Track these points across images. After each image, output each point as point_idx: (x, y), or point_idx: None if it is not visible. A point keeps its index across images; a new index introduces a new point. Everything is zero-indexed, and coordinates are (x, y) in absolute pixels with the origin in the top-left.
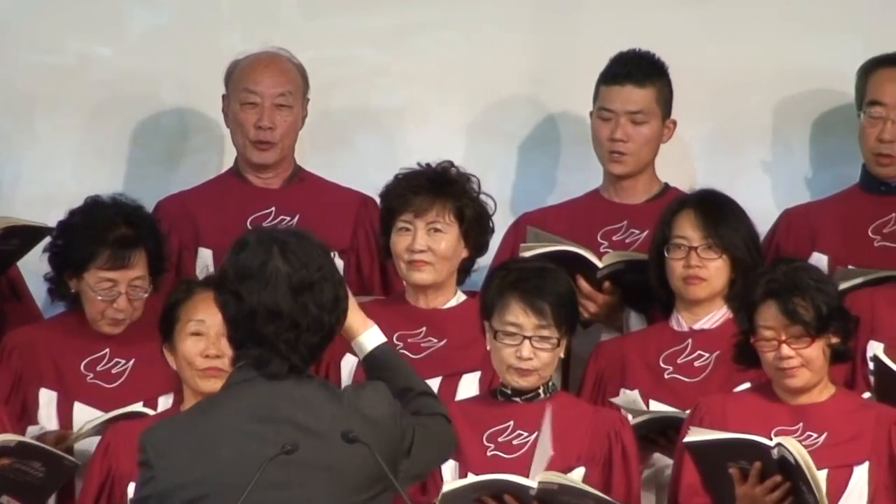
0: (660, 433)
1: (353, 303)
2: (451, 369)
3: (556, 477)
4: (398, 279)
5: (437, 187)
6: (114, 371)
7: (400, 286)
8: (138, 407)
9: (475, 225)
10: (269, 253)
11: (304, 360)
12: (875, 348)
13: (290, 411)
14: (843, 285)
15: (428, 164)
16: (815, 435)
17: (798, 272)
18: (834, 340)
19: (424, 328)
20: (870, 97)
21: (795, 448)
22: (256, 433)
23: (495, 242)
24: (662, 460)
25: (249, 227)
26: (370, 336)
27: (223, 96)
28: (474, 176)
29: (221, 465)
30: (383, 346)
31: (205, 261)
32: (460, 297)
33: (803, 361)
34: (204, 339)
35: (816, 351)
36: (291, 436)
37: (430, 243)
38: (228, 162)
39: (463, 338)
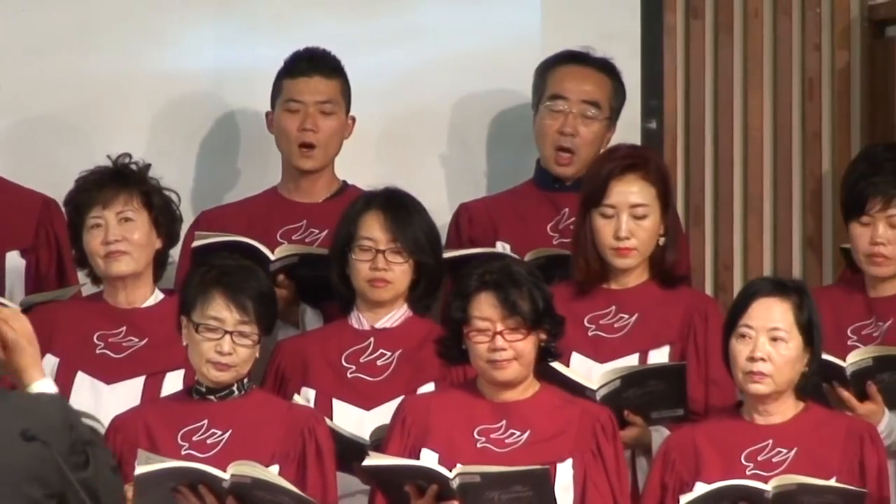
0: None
1: (29, 347)
2: (153, 368)
3: (250, 470)
4: (75, 279)
5: (121, 177)
6: None
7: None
8: None
9: (164, 212)
10: None
11: None
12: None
13: None
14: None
15: (108, 158)
16: (517, 433)
17: (513, 266)
18: (543, 337)
19: (124, 327)
20: (551, 92)
21: (480, 469)
22: None
23: None
24: None
25: None
26: (42, 386)
27: None
28: (149, 164)
29: None
30: None
31: None
32: (158, 296)
33: (515, 354)
34: None
35: (529, 345)
36: None
37: (123, 233)
38: None
39: (164, 336)
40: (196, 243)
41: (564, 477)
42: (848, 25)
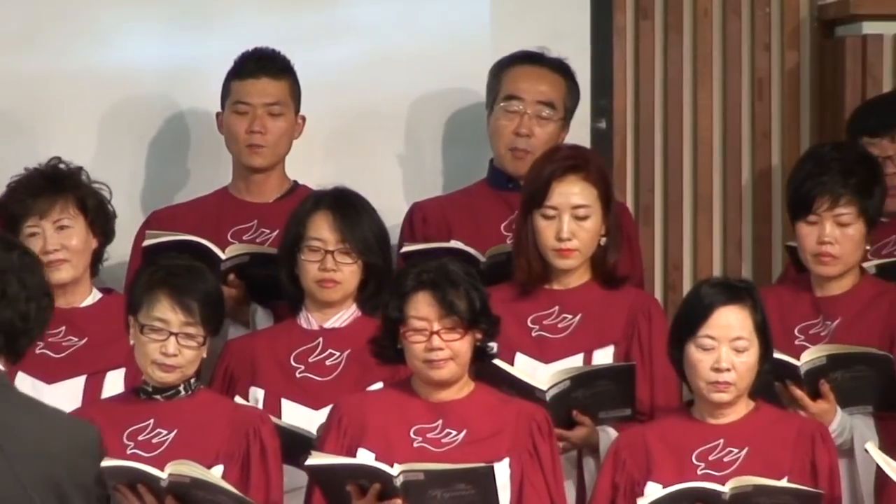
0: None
1: None
2: (94, 368)
3: (188, 469)
4: None
5: (55, 184)
6: None
7: None
8: None
9: (99, 212)
10: None
11: None
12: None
13: None
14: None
15: (38, 165)
16: (453, 432)
17: (450, 266)
18: (479, 337)
19: (64, 327)
20: (506, 92)
21: (423, 466)
22: None
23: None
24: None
25: None
26: None
27: None
28: (80, 166)
29: None
30: None
31: None
32: (97, 295)
33: (452, 354)
34: None
35: (466, 345)
36: None
37: (61, 241)
38: None
39: (104, 335)
40: (147, 242)
41: (501, 476)
42: (798, 25)
